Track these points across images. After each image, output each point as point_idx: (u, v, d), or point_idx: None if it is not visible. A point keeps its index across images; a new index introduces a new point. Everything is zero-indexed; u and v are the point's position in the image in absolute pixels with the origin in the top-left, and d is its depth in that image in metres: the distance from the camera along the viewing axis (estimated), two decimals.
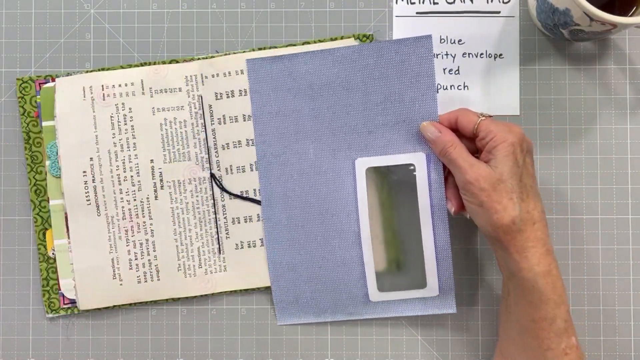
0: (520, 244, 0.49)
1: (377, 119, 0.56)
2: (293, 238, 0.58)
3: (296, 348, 0.59)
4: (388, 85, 0.55)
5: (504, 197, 0.49)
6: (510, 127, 0.50)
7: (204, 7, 0.60)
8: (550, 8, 0.54)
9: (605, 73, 0.60)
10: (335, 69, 0.56)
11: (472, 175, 0.49)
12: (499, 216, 0.49)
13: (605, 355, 0.59)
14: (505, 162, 0.49)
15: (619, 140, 0.59)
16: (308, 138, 0.57)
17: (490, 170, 0.49)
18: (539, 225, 0.49)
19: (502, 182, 0.49)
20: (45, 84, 0.59)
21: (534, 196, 0.50)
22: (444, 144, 0.52)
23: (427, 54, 0.54)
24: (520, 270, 0.49)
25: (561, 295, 0.49)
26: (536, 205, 0.50)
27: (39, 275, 0.59)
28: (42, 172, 0.58)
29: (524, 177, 0.50)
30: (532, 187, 0.50)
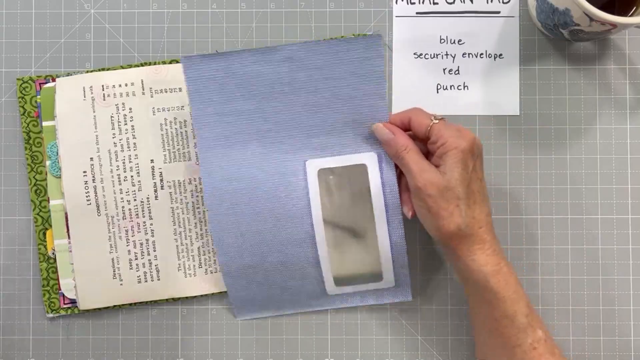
0: (467, 247, 0.50)
1: (327, 119, 0.55)
2: (243, 242, 0.56)
3: (296, 348, 0.59)
4: (338, 85, 0.54)
5: (450, 204, 0.49)
6: (462, 132, 0.50)
7: (204, 7, 0.60)
8: (550, 8, 0.54)
9: (605, 73, 0.60)
10: (282, 68, 0.54)
11: (421, 181, 0.50)
12: (445, 222, 0.49)
13: (605, 355, 0.59)
14: (454, 169, 0.49)
15: (619, 140, 0.59)
16: (254, 140, 0.55)
17: (440, 176, 0.49)
18: (485, 229, 0.50)
19: (450, 190, 0.49)
20: (45, 84, 0.59)
21: (481, 200, 0.50)
22: (397, 147, 0.52)
23: (376, 53, 0.54)
24: (471, 272, 0.50)
25: (516, 291, 0.50)
26: (482, 209, 0.50)
27: (39, 275, 0.59)
28: (42, 172, 0.59)
29: (472, 183, 0.50)
30: (480, 192, 0.51)
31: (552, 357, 0.49)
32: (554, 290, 0.59)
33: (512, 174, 0.59)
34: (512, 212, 0.59)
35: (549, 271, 0.59)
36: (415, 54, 0.60)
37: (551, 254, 0.59)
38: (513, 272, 0.50)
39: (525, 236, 0.59)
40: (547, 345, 0.49)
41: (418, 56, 0.60)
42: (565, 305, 0.59)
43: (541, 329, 0.50)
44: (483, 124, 0.59)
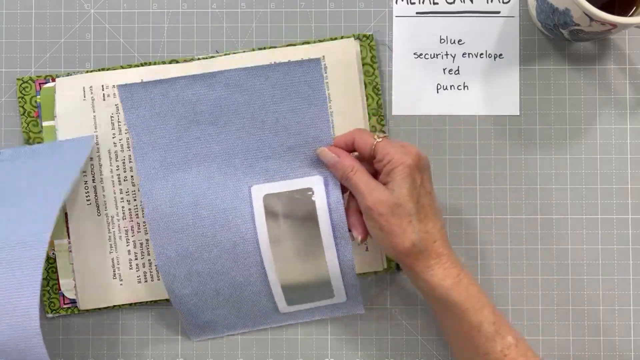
0: (424, 263, 0.50)
1: (270, 143, 0.54)
2: (189, 270, 0.54)
3: (296, 348, 0.59)
4: (279, 109, 0.54)
5: (403, 221, 0.49)
6: (406, 148, 0.50)
7: (204, 7, 0.60)
8: (550, 8, 0.54)
9: (605, 73, 0.60)
10: (222, 93, 0.53)
11: (371, 201, 0.49)
12: (399, 240, 0.49)
13: (605, 355, 0.59)
14: (402, 185, 0.49)
15: (619, 141, 0.59)
16: (196, 166, 0.54)
17: (389, 194, 0.49)
18: (439, 243, 0.50)
19: (400, 207, 0.49)
20: (45, 84, 0.59)
21: (432, 215, 0.50)
22: (344, 169, 0.52)
23: (316, 76, 0.53)
24: (432, 288, 0.50)
25: (479, 300, 0.50)
26: (435, 224, 0.50)
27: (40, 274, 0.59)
28: None
29: (421, 197, 0.50)
30: (431, 206, 0.51)
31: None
32: (554, 290, 0.59)
33: (512, 174, 0.59)
34: (512, 212, 0.59)
35: (549, 271, 0.59)
36: (415, 54, 0.60)
37: (551, 253, 0.59)
38: (473, 281, 0.50)
39: (525, 236, 0.59)
40: (518, 350, 0.49)
41: (418, 56, 0.60)
42: (565, 305, 0.59)
43: (510, 334, 0.50)
44: (483, 124, 0.59)
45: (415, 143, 0.59)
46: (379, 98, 0.59)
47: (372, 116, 0.59)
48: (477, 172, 0.59)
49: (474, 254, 0.59)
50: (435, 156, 0.59)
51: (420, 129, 0.59)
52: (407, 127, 0.59)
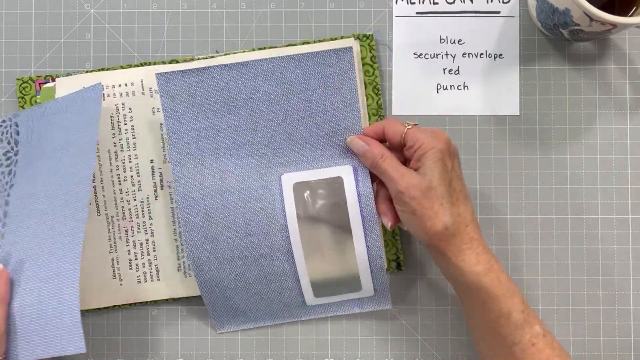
0: (456, 247, 0.49)
1: (301, 132, 0.55)
2: (219, 257, 0.55)
3: (296, 348, 0.59)
4: (311, 98, 0.55)
5: (435, 204, 0.49)
6: (436, 134, 0.51)
7: (204, 7, 0.60)
8: (550, 8, 0.54)
9: (605, 73, 0.60)
10: (256, 82, 0.54)
11: (403, 185, 0.50)
12: (432, 223, 0.49)
13: (605, 355, 0.59)
14: (434, 169, 0.49)
15: (619, 141, 0.59)
16: (229, 155, 0.55)
17: (420, 178, 0.50)
18: (471, 227, 0.50)
19: (432, 189, 0.49)
20: (45, 84, 0.59)
21: (464, 199, 0.50)
22: (374, 156, 0.52)
23: (348, 65, 0.54)
24: (462, 273, 0.49)
25: (509, 288, 0.49)
26: (467, 208, 0.50)
27: None
28: None
29: (453, 181, 0.50)
30: (462, 191, 0.51)
31: (552, 351, 0.49)
32: (554, 290, 0.59)
33: (512, 174, 0.59)
34: (512, 212, 0.59)
35: (549, 271, 0.59)
36: (415, 54, 0.60)
37: (551, 253, 0.59)
38: (503, 270, 0.50)
39: (525, 236, 0.59)
40: (546, 340, 0.49)
41: (418, 56, 0.60)
42: (565, 305, 0.59)
43: (539, 324, 0.49)
44: (483, 124, 0.59)
45: None
46: (379, 98, 0.59)
47: (372, 116, 0.59)
48: (477, 172, 0.59)
49: None
50: None
51: None
52: None
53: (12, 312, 0.52)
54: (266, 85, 0.55)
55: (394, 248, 0.58)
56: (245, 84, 0.55)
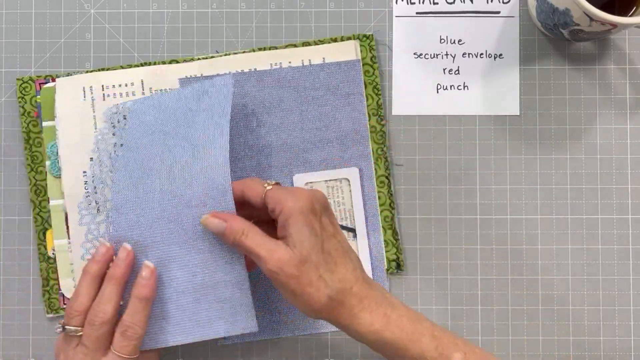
0: (347, 313, 0.46)
1: (311, 137, 0.58)
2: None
3: (296, 348, 0.59)
4: (322, 104, 0.58)
5: (312, 277, 0.46)
6: (296, 193, 0.47)
7: (204, 7, 0.60)
8: (550, 8, 0.54)
9: (605, 73, 0.60)
10: (271, 91, 0.58)
11: (274, 264, 0.45)
12: (315, 299, 0.46)
13: (605, 355, 0.59)
14: (301, 236, 0.46)
15: (619, 141, 0.59)
16: (245, 156, 0.57)
17: (290, 252, 0.46)
18: (357, 286, 0.47)
19: (306, 262, 0.45)
20: (45, 84, 0.59)
21: (342, 257, 0.47)
22: (234, 234, 0.47)
23: (356, 75, 0.58)
24: (363, 335, 0.47)
25: (414, 331, 0.47)
26: (347, 267, 0.47)
27: (39, 275, 0.59)
28: (42, 172, 0.58)
29: (325, 243, 0.46)
30: (337, 249, 0.47)
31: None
32: (554, 290, 0.59)
33: (512, 174, 0.59)
34: (512, 212, 0.59)
35: (549, 271, 0.59)
36: (415, 54, 0.60)
37: (551, 253, 0.59)
38: (402, 310, 0.47)
39: (525, 236, 0.59)
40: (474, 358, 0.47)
41: (418, 56, 0.60)
42: (565, 305, 0.59)
43: (457, 351, 0.47)
44: (483, 124, 0.59)
45: (415, 143, 0.59)
46: (379, 98, 0.59)
47: (372, 116, 0.59)
48: (477, 172, 0.59)
49: (474, 254, 0.59)
50: (435, 156, 0.59)
51: (420, 129, 0.59)
52: (407, 127, 0.59)
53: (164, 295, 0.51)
54: (281, 92, 0.58)
55: (394, 248, 0.58)
56: (260, 91, 0.58)
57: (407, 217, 0.59)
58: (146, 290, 0.50)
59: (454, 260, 0.59)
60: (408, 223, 0.59)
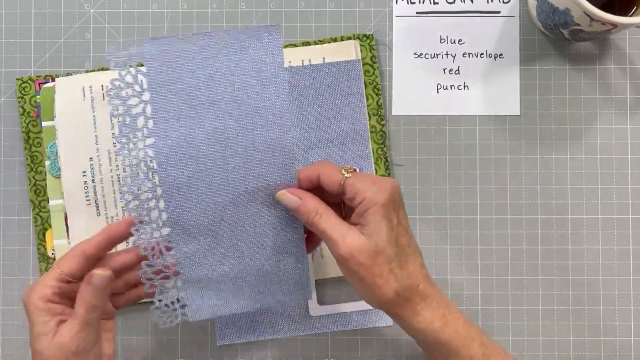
0: (411, 310, 0.47)
1: (311, 136, 0.58)
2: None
3: (296, 348, 0.59)
4: (321, 104, 0.58)
5: (384, 270, 0.45)
6: (379, 184, 0.46)
7: (204, 7, 0.60)
8: (550, 8, 0.54)
9: (606, 73, 0.60)
10: None
11: (346, 250, 0.45)
12: (383, 291, 0.46)
13: (605, 355, 0.59)
14: (380, 229, 0.45)
15: (619, 140, 0.59)
16: None
17: (365, 240, 0.45)
18: (423, 284, 0.47)
19: (380, 254, 0.45)
20: (45, 84, 0.59)
21: (412, 254, 0.47)
22: (308, 213, 0.47)
23: (357, 75, 0.57)
24: (420, 332, 0.47)
25: (467, 336, 0.47)
26: (415, 263, 0.47)
27: (39, 275, 0.59)
28: (41, 172, 0.58)
29: (399, 238, 0.46)
30: (410, 245, 0.47)
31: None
32: (554, 290, 0.59)
33: (512, 174, 0.59)
34: (512, 212, 0.59)
35: (550, 271, 0.59)
36: (415, 53, 0.60)
37: (552, 254, 0.59)
38: (458, 314, 0.48)
39: (525, 236, 0.59)
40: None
41: (418, 56, 0.60)
42: (565, 306, 0.59)
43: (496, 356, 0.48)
44: (483, 124, 0.59)
45: (415, 143, 0.59)
46: (379, 98, 0.59)
47: (372, 116, 0.59)
48: (477, 172, 0.59)
49: (474, 254, 0.59)
50: (435, 156, 0.59)
51: (420, 129, 0.59)
52: (407, 127, 0.59)
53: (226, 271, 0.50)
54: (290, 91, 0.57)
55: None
56: None
57: None
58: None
59: (454, 260, 0.59)
60: None
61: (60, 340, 0.46)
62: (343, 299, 0.59)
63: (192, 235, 0.50)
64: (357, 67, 0.58)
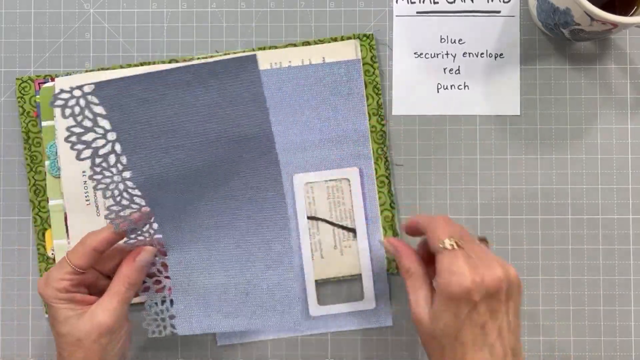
0: None
1: (309, 136, 0.58)
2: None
3: (296, 348, 0.59)
4: (320, 104, 0.58)
5: (436, 351, 0.46)
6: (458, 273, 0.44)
7: (204, 6, 0.60)
8: (550, 8, 0.54)
9: (606, 73, 0.60)
10: (271, 90, 0.57)
11: (413, 316, 0.47)
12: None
13: (605, 355, 0.59)
14: (440, 318, 0.45)
15: (620, 140, 0.59)
16: None
17: (427, 319, 0.46)
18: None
19: (435, 338, 0.45)
20: (44, 83, 0.59)
21: (475, 350, 0.44)
22: (401, 268, 0.49)
23: (356, 75, 0.58)
24: None
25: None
26: (473, 358, 0.44)
27: (39, 275, 0.59)
28: (41, 172, 0.58)
29: (462, 332, 0.44)
30: (475, 341, 0.44)
31: None
32: (555, 290, 0.59)
33: (512, 174, 0.59)
34: (512, 212, 0.59)
35: (550, 271, 0.59)
36: (415, 53, 0.60)
37: (552, 254, 0.59)
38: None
39: (525, 236, 0.59)
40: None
41: (418, 56, 0.60)
42: (565, 306, 0.59)
43: None
44: (483, 124, 0.59)
45: (415, 143, 0.59)
46: (379, 98, 0.59)
47: (372, 116, 0.59)
48: (477, 172, 0.59)
49: None
50: (435, 156, 0.59)
51: (420, 129, 0.59)
52: (407, 127, 0.59)
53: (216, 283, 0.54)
54: (280, 93, 0.57)
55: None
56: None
57: (407, 217, 0.59)
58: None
59: None
60: None
61: (96, 319, 0.49)
62: (343, 299, 0.59)
63: (183, 242, 0.53)
64: (357, 67, 0.58)
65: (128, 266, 0.51)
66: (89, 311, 0.49)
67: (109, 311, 0.49)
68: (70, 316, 0.49)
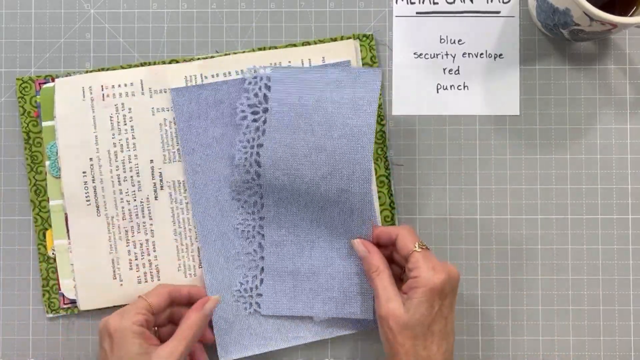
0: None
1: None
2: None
3: (296, 348, 0.59)
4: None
5: (407, 343, 0.49)
6: (436, 270, 0.50)
7: (204, 7, 0.60)
8: (550, 8, 0.54)
9: (605, 73, 0.60)
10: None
11: (384, 311, 0.50)
12: (399, 358, 0.50)
13: (605, 355, 0.59)
14: (417, 309, 0.49)
15: (619, 140, 0.59)
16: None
17: (402, 311, 0.50)
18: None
19: (409, 328, 0.49)
20: (45, 84, 0.59)
21: (440, 339, 0.50)
22: (370, 267, 0.53)
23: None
24: None
25: None
26: (439, 348, 0.50)
27: (39, 275, 0.59)
28: (42, 172, 0.58)
29: (434, 323, 0.50)
30: (441, 331, 0.50)
31: None
32: (554, 290, 0.59)
33: (512, 174, 0.59)
34: (512, 212, 0.59)
35: (550, 271, 0.59)
36: (415, 53, 0.60)
37: (551, 253, 0.59)
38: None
39: (525, 236, 0.59)
40: None
41: (418, 56, 0.60)
42: (565, 305, 0.59)
43: None
44: (483, 124, 0.59)
45: (415, 143, 0.59)
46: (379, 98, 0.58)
47: None
48: (477, 172, 0.59)
49: (474, 254, 0.59)
50: (435, 156, 0.59)
51: (420, 129, 0.59)
52: (407, 127, 0.59)
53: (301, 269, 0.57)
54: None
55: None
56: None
57: (407, 217, 0.59)
58: None
59: (454, 260, 0.59)
60: (408, 223, 0.59)
61: None
62: None
63: (280, 224, 0.57)
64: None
65: (197, 314, 0.53)
66: (156, 352, 0.50)
67: (174, 355, 0.50)
68: (138, 353, 0.50)
